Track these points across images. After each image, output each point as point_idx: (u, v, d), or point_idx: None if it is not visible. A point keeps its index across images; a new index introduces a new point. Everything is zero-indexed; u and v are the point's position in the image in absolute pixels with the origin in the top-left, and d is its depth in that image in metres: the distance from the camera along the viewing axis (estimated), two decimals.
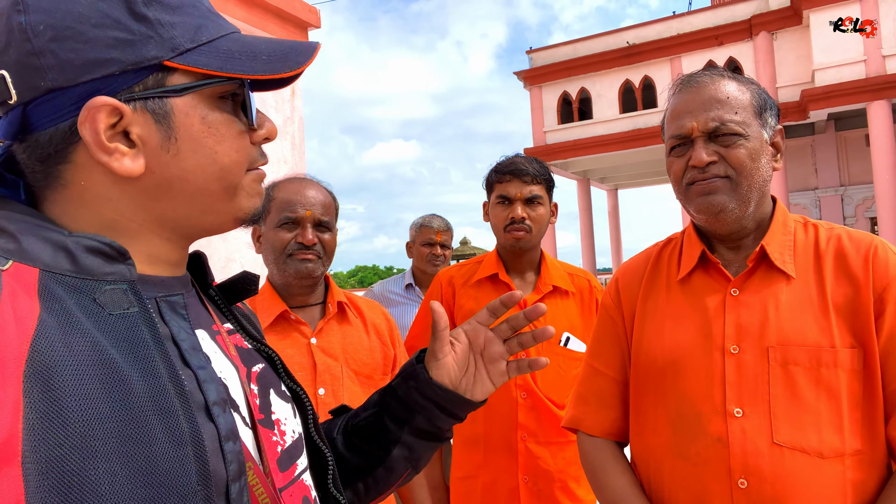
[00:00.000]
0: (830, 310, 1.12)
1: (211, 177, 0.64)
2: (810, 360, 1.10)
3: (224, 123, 0.64)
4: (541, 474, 1.92)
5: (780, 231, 1.21)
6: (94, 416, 0.49)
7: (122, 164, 0.59)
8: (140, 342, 0.56)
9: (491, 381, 0.90)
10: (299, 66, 0.65)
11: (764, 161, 1.19)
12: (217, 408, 0.59)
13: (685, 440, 1.17)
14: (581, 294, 2.07)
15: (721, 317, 1.18)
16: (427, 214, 3.37)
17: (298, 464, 0.74)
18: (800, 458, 1.08)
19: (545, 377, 1.95)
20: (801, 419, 1.09)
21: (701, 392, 1.16)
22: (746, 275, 1.19)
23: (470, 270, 2.11)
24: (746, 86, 1.21)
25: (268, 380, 0.74)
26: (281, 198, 1.58)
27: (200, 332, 0.66)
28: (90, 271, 0.57)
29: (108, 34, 0.58)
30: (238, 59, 0.63)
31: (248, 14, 5.11)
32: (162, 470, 0.52)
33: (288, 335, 1.57)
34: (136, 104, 0.59)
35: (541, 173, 1.99)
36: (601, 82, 19.82)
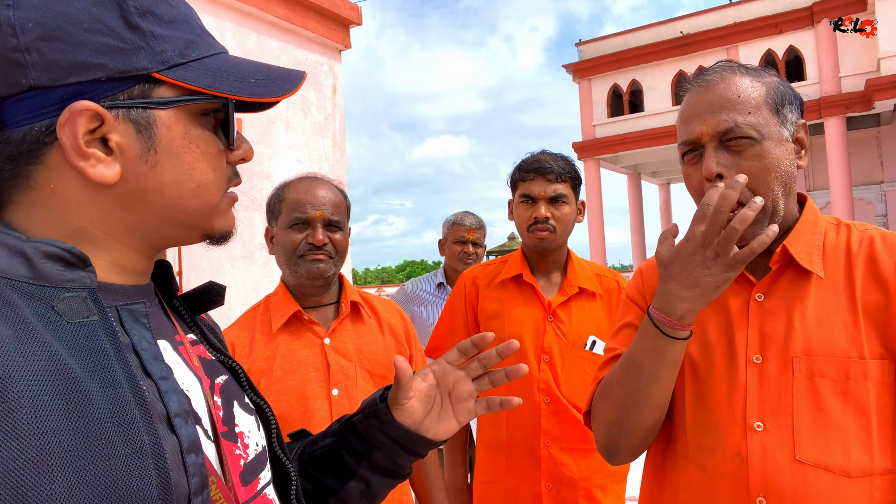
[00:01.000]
0: (860, 316, 1.05)
1: (186, 192, 0.63)
2: (838, 371, 1.03)
3: (205, 140, 0.64)
4: (564, 481, 1.87)
5: (808, 231, 1.13)
6: (51, 428, 0.48)
7: (97, 171, 0.58)
8: (99, 352, 0.54)
9: (456, 420, 0.89)
10: (285, 92, 0.65)
11: (786, 163, 1.10)
12: (179, 419, 0.58)
13: (703, 451, 1.11)
14: (609, 296, 2.00)
15: (744, 324, 1.12)
16: (460, 212, 3.33)
17: (261, 477, 0.72)
18: (824, 476, 1.01)
19: (569, 381, 1.90)
20: (826, 435, 1.02)
21: (720, 402, 1.10)
22: (771, 278, 1.13)
23: (494, 271, 2.06)
24: (762, 79, 1.11)
25: (231, 392, 0.73)
26: (291, 198, 1.57)
27: (162, 342, 0.65)
28: (48, 278, 0.55)
29: (99, 39, 0.57)
30: (226, 78, 0.63)
31: (290, 12, 5.15)
32: (121, 483, 0.51)
33: (301, 335, 1.56)
34: (119, 112, 0.59)
35: (566, 171, 1.93)
36: (653, 74, 19.37)
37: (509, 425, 1.93)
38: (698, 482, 1.11)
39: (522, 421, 1.90)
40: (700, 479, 1.11)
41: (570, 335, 1.92)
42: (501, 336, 1.95)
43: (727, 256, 1.00)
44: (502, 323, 1.96)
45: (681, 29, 18.87)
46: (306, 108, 5.43)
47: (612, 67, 19.77)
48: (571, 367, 1.90)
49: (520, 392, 1.90)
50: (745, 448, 1.06)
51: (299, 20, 5.34)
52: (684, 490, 1.14)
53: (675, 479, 1.17)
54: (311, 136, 5.46)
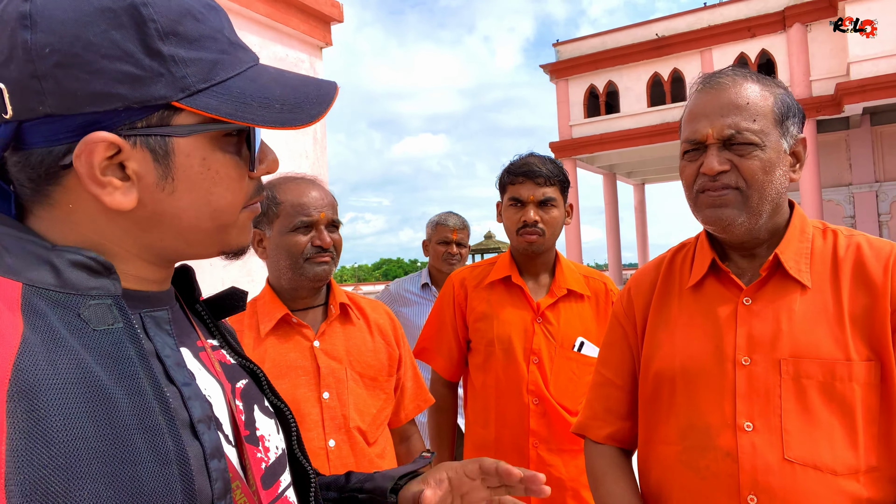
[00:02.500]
0: (846, 321, 1.09)
1: (204, 216, 0.63)
2: (824, 373, 1.06)
3: (224, 165, 0.63)
4: (553, 482, 1.88)
5: (796, 238, 1.17)
6: (79, 435, 0.48)
7: (113, 198, 0.57)
8: (124, 359, 0.55)
9: None
10: (312, 119, 0.63)
11: (779, 173, 1.14)
12: (202, 425, 0.59)
13: (694, 453, 1.14)
14: (597, 297, 2.02)
15: (732, 327, 1.15)
16: (443, 212, 3.33)
17: (282, 480, 0.73)
18: (812, 474, 1.04)
19: (557, 383, 1.91)
20: (813, 434, 1.05)
21: (711, 404, 1.13)
22: (759, 284, 1.16)
23: (483, 272, 2.07)
24: (771, 90, 1.15)
25: (252, 395, 0.73)
26: (290, 201, 1.54)
27: (184, 349, 0.65)
28: (74, 286, 0.55)
29: (118, 67, 0.55)
30: (250, 105, 0.60)
31: (271, 9, 5.10)
32: (147, 490, 0.51)
33: (290, 338, 1.54)
34: (137, 140, 0.57)
35: (554, 174, 1.94)
36: (629, 75, 19.55)
37: (498, 426, 1.93)
38: (691, 483, 1.14)
39: (511, 422, 1.91)
40: (693, 480, 1.13)
41: (559, 336, 1.93)
42: (490, 337, 1.96)
43: None
44: (491, 324, 1.97)
45: (656, 31, 19.07)
46: None
47: (588, 68, 19.91)
48: (560, 368, 1.92)
49: (509, 393, 1.91)
50: (735, 448, 1.09)
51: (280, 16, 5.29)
52: (678, 492, 1.16)
53: (669, 482, 1.19)
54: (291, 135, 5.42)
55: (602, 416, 1.33)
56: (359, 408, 1.54)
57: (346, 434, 1.50)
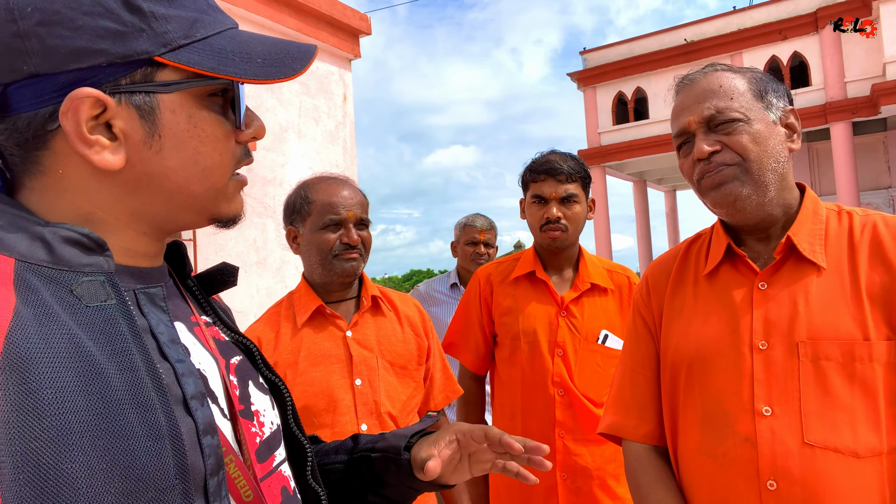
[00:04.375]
0: (865, 300, 1.07)
1: (193, 177, 0.63)
2: (843, 354, 1.05)
3: (210, 123, 0.63)
4: (579, 472, 1.92)
5: (809, 220, 1.17)
6: (71, 408, 0.49)
7: (101, 157, 0.58)
8: (117, 335, 0.55)
9: (469, 472, 0.91)
10: (294, 72, 0.63)
11: (773, 142, 1.15)
12: (195, 401, 0.59)
13: (713, 440, 1.13)
14: (620, 291, 2.05)
15: (748, 312, 1.14)
16: (471, 214, 3.41)
17: (277, 455, 0.73)
18: (833, 458, 1.03)
19: (582, 375, 1.95)
20: (834, 417, 1.04)
21: (728, 390, 1.13)
22: (774, 267, 1.16)
23: (508, 268, 2.12)
24: (742, 73, 1.20)
25: (246, 371, 0.74)
26: (321, 200, 1.63)
27: (179, 324, 0.66)
28: (67, 262, 0.55)
29: (99, 23, 0.56)
30: (232, 59, 0.61)
31: (301, 23, 5.25)
32: (139, 464, 0.51)
33: (324, 329, 1.63)
34: (122, 97, 0.58)
35: (576, 171, 1.99)
36: (657, 81, 19.39)
37: (524, 417, 1.98)
38: (710, 471, 1.14)
39: (537, 413, 1.96)
40: (712, 468, 1.13)
41: (583, 330, 1.97)
42: (515, 331, 2.01)
43: None
44: (516, 318, 2.02)
45: (685, 37, 18.92)
46: (317, 116, 5.52)
47: (616, 75, 19.82)
48: (584, 360, 1.96)
49: (534, 385, 1.96)
50: (753, 433, 1.08)
51: (310, 30, 5.44)
52: (698, 481, 1.16)
53: (688, 472, 1.19)
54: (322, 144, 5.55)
55: (636, 414, 1.30)
56: (389, 394, 1.61)
57: (378, 419, 1.58)
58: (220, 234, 4.50)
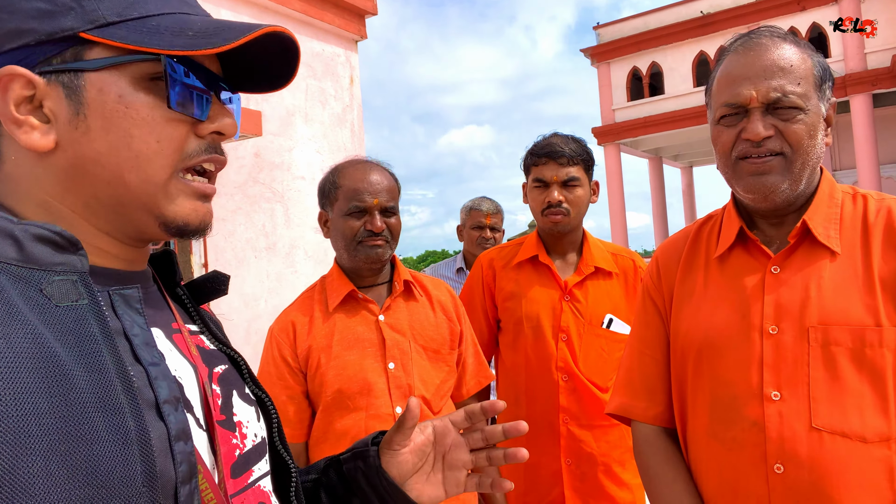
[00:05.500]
0: (877, 286, 1.06)
1: (125, 163, 0.59)
2: (853, 339, 1.04)
3: (147, 106, 0.60)
4: (584, 457, 1.91)
5: (825, 204, 1.14)
6: (31, 411, 0.46)
7: (29, 137, 0.57)
8: (87, 336, 0.53)
9: (443, 488, 0.85)
10: (226, 42, 0.58)
11: (819, 137, 1.11)
12: (168, 406, 0.57)
13: (721, 424, 1.13)
14: (625, 275, 2.02)
15: (760, 296, 1.13)
16: (477, 197, 3.36)
17: (255, 469, 0.71)
18: (840, 442, 1.02)
19: (587, 359, 1.93)
20: (842, 402, 1.03)
21: (737, 375, 1.12)
22: (788, 251, 1.14)
23: (510, 252, 2.10)
24: (808, 53, 1.12)
25: (230, 381, 0.72)
26: (348, 185, 1.62)
27: (156, 329, 0.64)
28: (37, 261, 0.54)
29: (33, 5, 0.57)
30: (162, 34, 0.59)
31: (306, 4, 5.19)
32: (104, 470, 0.49)
33: (356, 313, 1.64)
34: (51, 77, 0.58)
35: (577, 153, 1.95)
36: (673, 55, 19.08)
37: (529, 402, 1.96)
38: (719, 455, 1.13)
39: (542, 398, 1.94)
40: (720, 451, 1.13)
41: (587, 314, 1.95)
42: (518, 316, 1.99)
43: None
44: (519, 303, 1.99)
45: (701, 9, 18.55)
46: (324, 99, 5.49)
47: (631, 50, 19.51)
48: (589, 345, 1.93)
49: (539, 370, 1.94)
50: (762, 417, 1.07)
51: (315, 12, 5.38)
52: (706, 464, 1.16)
53: (696, 455, 1.18)
54: (329, 128, 5.52)
55: (645, 396, 1.29)
56: (423, 378, 1.61)
57: None
58: (230, 220, 4.50)
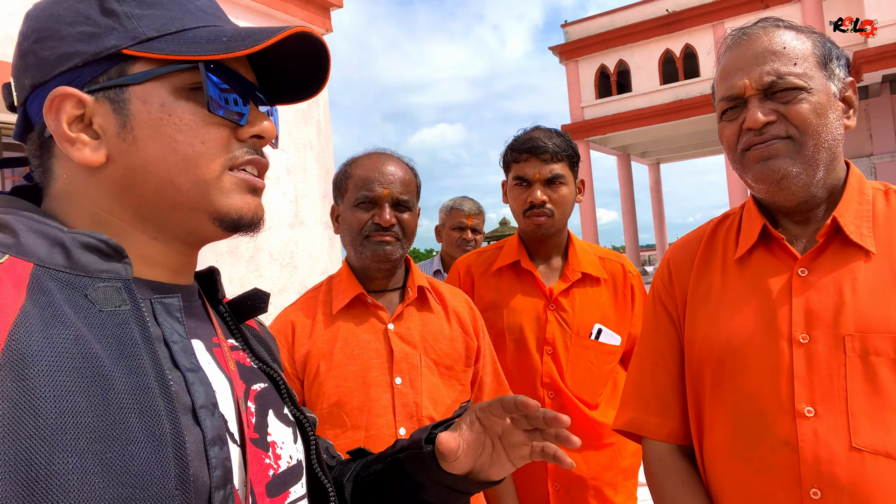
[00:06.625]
0: None
1: (174, 167, 0.62)
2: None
3: (189, 112, 0.63)
4: (573, 481, 1.75)
5: (855, 200, 1.05)
6: (69, 409, 0.49)
7: (82, 154, 0.61)
8: (128, 340, 0.55)
9: (511, 463, 0.83)
10: (257, 42, 0.62)
11: (833, 117, 1.03)
12: (204, 411, 0.58)
13: (747, 443, 1.03)
14: (614, 280, 1.87)
15: (787, 301, 1.03)
16: (458, 197, 3.23)
17: (292, 492, 0.71)
18: (884, 464, 0.93)
19: (574, 374, 1.77)
20: (885, 419, 0.94)
21: (764, 388, 1.02)
22: (816, 252, 1.04)
23: (490, 258, 1.93)
24: (807, 34, 1.07)
25: (268, 400, 0.72)
26: (358, 175, 1.48)
27: (196, 341, 0.66)
28: (84, 268, 0.57)
29: (78, 29, 0.61)
30: (198, 43, 0.63)
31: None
32: (138, 470, 0.51)
33: (364, 320, 1.47)
34: (98, 94, 0.61)
35: (562, 149, 1.78)
36: (640, 53, 19.22)
37: None
38: (744, 477, 1.03)
39: None
40: (746, 473, 1.02)
41: (574, 324, 1.79)
42: (499, 328, 1.82)
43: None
44: (500, 314, 1.82)
45: (666, 7, 18.70)
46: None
47: (598, 48, 19.60)
48: (576, 358, 1.78)
49: (522, 387, 1.78)
50: (794, 436, 0.98)
51: (278, 3, 5.16)
52: (729, 486, 1.05)
53: (717, 476, 1.08)
54: (294, 124, 5.30)
55: (658, 410, 1.18)
56: (432, 397, 1.44)
57: (418, 423, 1.40)
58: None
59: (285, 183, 5.11)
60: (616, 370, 1.86)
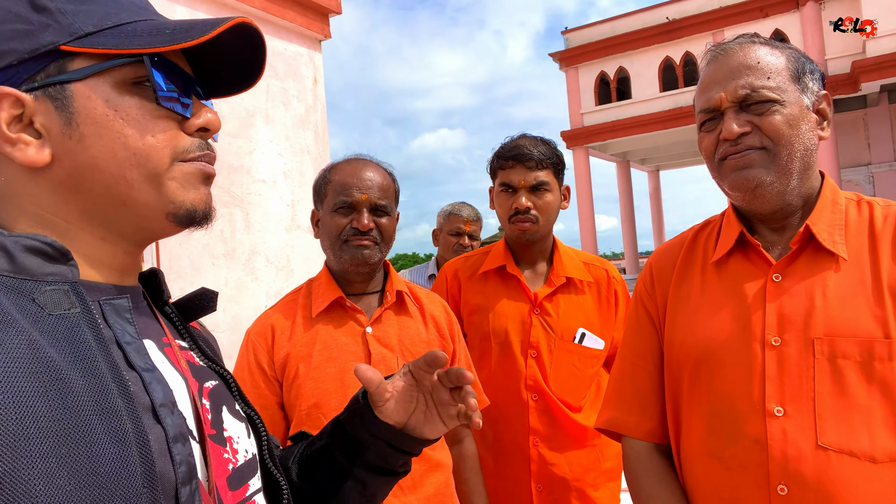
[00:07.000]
0: (886, 295, 1.02)
1: (125, 162, 0.61)
2: (862, 352, 0.99)
3: (136, 107, 0.62)
4: (556, 482, 1.78)
5: (828, 209, 1.09)
6: (29, 414, 0.47)
7: (25, 154, 0.59)
8: (81, 342, 0.54)
9: (443, 423, 0.86)
10: (202, 34, 0.61)
11: (805, 128, 1.07)
12: (164, 409, 0.58)
13: (720, 441, 1.07)
14: (598, 285, 1.90)
15: (761, 305, 1.08)
16: (457, 202, 3.26)
17: (250, 484, 0.72)
18: (848, 462, 0.97)
19: (558, 377, 1.80)
20: (850, 419, 0.98)
21: (737, 388, 1.06)
22: (790, 258, 1.08)
23: (476, 262, 1.96)
24: (780, 49, 1.11)
25: (220, 397, 0.73)
26: (337, 180, 1.51)
27: (147, 341, 0.65)
28: (29, 271, 0.56)
29: (9, 27, 0.59)
30: (140, 36, 0.61)
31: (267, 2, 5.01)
32: (104, 471, 0.50)
33: (343, 323, 1.50)
34: (37, 93, 0.60)
35: (547, 156, 1.82)
36: (640, 60, 19.29)
37: (496, 424, 1.83)
38: (717, 474, 1.07)
39: (510, 420, 1.81)
40: (719, 470, 1.07)
41: (558, 328, 1.82)
42: (485, 331, 1.85)
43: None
44: (486, 317, 1.86)
45: (666, 15, 18.78)
46: (286, 100, 5.30)
47: (598, 55, 19.68)
48: (560, 361, 1.81)
49: (506, 390, 1.81)
50: (764, 435, 1.02)
51: (276, 10, 5.21)
52: (703, 484, 1.09)
53: (692, 473, 1.12)
54: (292, 129, 5.34)
55: (637, 410, 1.22)
56: None
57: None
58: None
59: (282, 187, 5.15)
60: (599, 374, 1.90)
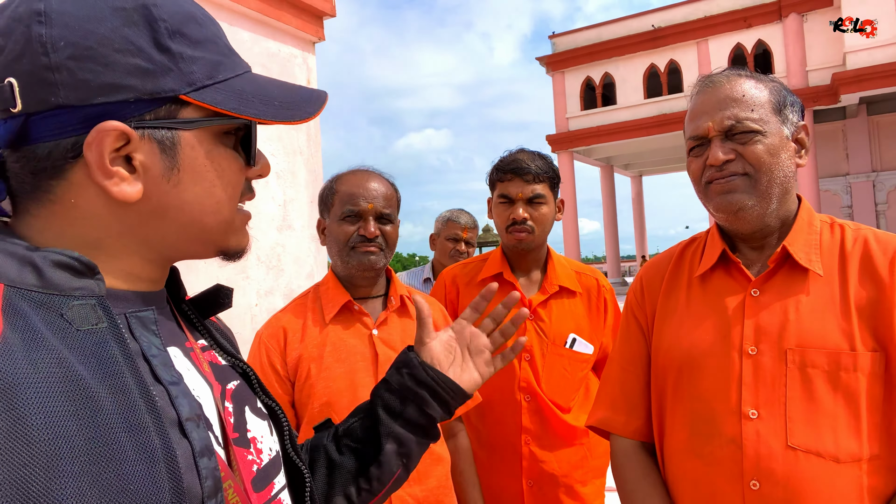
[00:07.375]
0: (853, 312, 1.11)
1: (207, 209, 0.65)
2: (829, 363, 1.09)
3: (226, 159, 0.66)
4: (546, 478, 1.88)
5: (804, 230, 1.20)
6: (61, 434, 0.48)
7: (120, 189, 0.59)
8: (109, 358, 0.55)
9: (478, 372, 0.96)
10: (308, 115, 0.67)
11: (784, 157, 1.17)
12: (191, 423, 0.59)
13: (699, 440, 1.16)
14: (588, 294, 2.01)
15: (740, 318, 1.17)
16: (455, 209, 3.34)
17: (276, 482, 0.73)
18: (814, 461, 1.06)
19: (549, 380, 1.91)
20: (817, 422, 1.08)
21: (717, 392, 1.15)
22: (768, 275, 1.18)
23: (474, 269, 2.06)
24: (765, 83, 1.21)
25: (243, 396, 0.74)
26: (344, 191, 1.61)
27: (173, 349, 0.66)
28: (57, 286, 0.56)
29: (130, 61, 0.58)
30: (251, 101, 0.65)
31: (262, 3, 5.06)
32: (133, 488, 0.51)
33: (351, 325, 1.60)
34: (145, 132, 0.60)
35: (544, 171, 1.93)
36: (625, 67, 19.51)
37: (490, 424, 1.93)
38: (696, 470, 1.17)
39: (503, 419, 1.91)
40: (698, 467, 1.16)
41: (551, 333, 1.92)
42: None
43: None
44: None
45: (652, 23, 19.02)
46: None
47: (585, 60, 19.87)
48: (552, 365, 1.91)
49: (501, 391, 1.91)
50: (739, 435, 1.11)
51: (272, 11, 5.26)
52: (683, 478, 1.19)
53: (674, 470, 1.22)
54: (284, 130, 5.40)
55: (625, 410, 1.33)
56: None
57: None
58: None
59: (274, 187, 5.21)
60: (588, 377, 2.00)
